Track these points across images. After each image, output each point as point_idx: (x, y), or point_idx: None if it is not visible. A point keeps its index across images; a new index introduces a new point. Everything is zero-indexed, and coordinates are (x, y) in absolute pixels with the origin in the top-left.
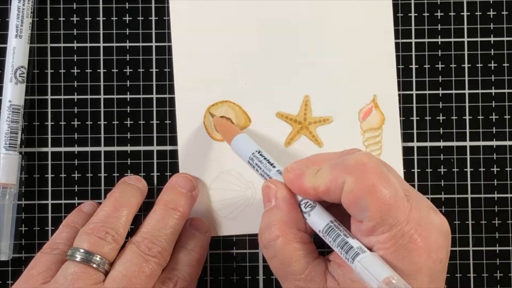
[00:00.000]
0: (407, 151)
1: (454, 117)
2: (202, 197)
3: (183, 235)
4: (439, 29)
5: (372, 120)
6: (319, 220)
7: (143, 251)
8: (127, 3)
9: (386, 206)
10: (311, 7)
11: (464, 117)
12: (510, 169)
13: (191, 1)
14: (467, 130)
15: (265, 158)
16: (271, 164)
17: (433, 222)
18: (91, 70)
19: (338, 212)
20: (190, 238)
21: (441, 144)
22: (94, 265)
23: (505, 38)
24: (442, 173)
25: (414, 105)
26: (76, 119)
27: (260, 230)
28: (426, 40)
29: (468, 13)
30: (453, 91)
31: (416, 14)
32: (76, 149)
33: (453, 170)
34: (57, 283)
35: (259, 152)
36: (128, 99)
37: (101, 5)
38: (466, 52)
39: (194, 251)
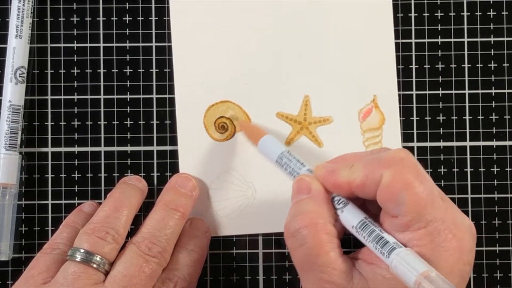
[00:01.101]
0: None
1: (454, 117)
2: (202, 197)
3: (183, 235)
4: (439, 29)
5: (372, 120)
6: (352, 216)
7: (143, 251)
8: (127, 3)
9: (423, 201)
10: (311, 7)
11: (464, 117)
12: (510, 169)
13: (191, 1)
14: (467, 130)
15: (294, 158)
16: (301, 163)
17: (465, 224)
18: (91, 70)
19: (368, 213)
20: (190, 238)
21: (441, 144)
22: (94, 265)
23: (505, 38)
24: (442, 173)
25: (414, 105)
26: (76, 119)
27: (287, 220)
28: (426, 40)
29: (468, 13)
30: (453, 91)
31: (416, 14)
32: (76, 149)
33: (453, 170)
34: (57, 283)
35: (288, 152)
36: (128, 99)
37: (101, 5)
38: (466, 52)
39: (194, 251)
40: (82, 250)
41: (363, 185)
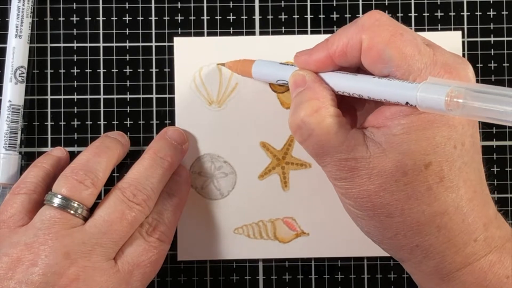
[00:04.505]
0: None
1: None
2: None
3: None
4: (439, 29)
5: None
6: (353, 81)
7: (127, 198)
8: (127, 3)
9: (409, 50)
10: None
11: None
12: (510, 169)
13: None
14: None
15: (285, 67)
16: (289, 66)
17: (457, 60)
18: (91, 70)
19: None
20: (171, 183)
21: None
22: (72, 211)
23: (505, 38)
24: None
25: None
26: (76, 119)
27: (290, 115)
28: None
29: (468, 13)
30: None
31: (416, 14)
32: (76, 149)
33: None
34: (34, 227)
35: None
36: (128, 99)
37: (101, 5)
38: (466, 52)
39: (174, 196)
40: (59, 196)
41: (344, 54)
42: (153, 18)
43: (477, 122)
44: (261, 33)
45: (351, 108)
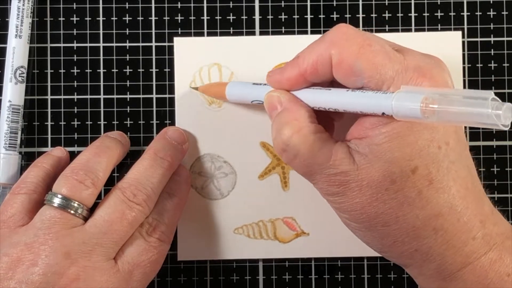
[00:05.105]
0: None
1: None
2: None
3: None
4: (439, 29)
5: None
6: (328, 95)
7: (127, 197)
8: (127, 3)
9: (380, 59)
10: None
11: None
12: (510, 169)
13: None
14: (467, 130)
15: (258, 88)
16: (264, 84)
17: (430, 62)
18: (91, 70)
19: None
20: (171, 182)
21: None
22: (72, 211)
23: (505, 38)
24: None
25: None
26: (76, 119)
27: (273, 136)
28: None
29: (468, 13)
30: None
31: (416, 14)
32: (76, 149)
33: None
34: (34, 227)
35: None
36: (128, 99)
37: (101, 5)
38: (466, 52)
39: (174, 195)
40: (59, 196)
41: (315, 71)
42: (153, 18)
43: None
44: (261, 33)
45: (329, 120)
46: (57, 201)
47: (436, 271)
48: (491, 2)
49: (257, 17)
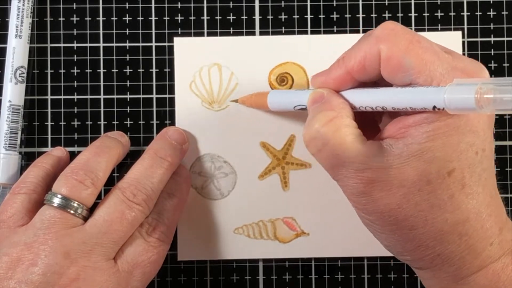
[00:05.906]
0: None
1: None
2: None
3: None
4: (439, 28)
5: None
6: (375, 94)
7: (127, 198)
8: (127, 3)
9: (429, 56)
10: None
11: None
12: (510, 169)
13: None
14: None
15: (300, 93)
16: (304, 91)
17: (476, 66)
18: (91, 70)
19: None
20: (171, 182)
21: None
22: (71, 211)
23: (505, 38)
24: None
25: None
26: (76, 119)
27: (305, 126)
28: None
29: (468, 13)
30: None
31: (416, 14)
32: (76, 149)
33: None
34: (34, 227)
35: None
36: (128, 99)
37: (101, 5)
38: (466, 52)
39: (174, 195)
40: (59, 196)
41: (363, 68)
42: (153, 18)
43: (493, 127)
44: (261, 33)
45: (372, 122)
46: (57, 201)
47: (451, 274)
48: (491, 2)
49: (257, 17)
